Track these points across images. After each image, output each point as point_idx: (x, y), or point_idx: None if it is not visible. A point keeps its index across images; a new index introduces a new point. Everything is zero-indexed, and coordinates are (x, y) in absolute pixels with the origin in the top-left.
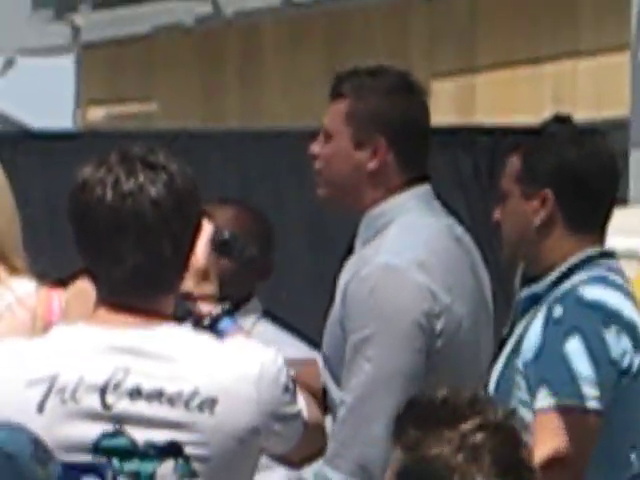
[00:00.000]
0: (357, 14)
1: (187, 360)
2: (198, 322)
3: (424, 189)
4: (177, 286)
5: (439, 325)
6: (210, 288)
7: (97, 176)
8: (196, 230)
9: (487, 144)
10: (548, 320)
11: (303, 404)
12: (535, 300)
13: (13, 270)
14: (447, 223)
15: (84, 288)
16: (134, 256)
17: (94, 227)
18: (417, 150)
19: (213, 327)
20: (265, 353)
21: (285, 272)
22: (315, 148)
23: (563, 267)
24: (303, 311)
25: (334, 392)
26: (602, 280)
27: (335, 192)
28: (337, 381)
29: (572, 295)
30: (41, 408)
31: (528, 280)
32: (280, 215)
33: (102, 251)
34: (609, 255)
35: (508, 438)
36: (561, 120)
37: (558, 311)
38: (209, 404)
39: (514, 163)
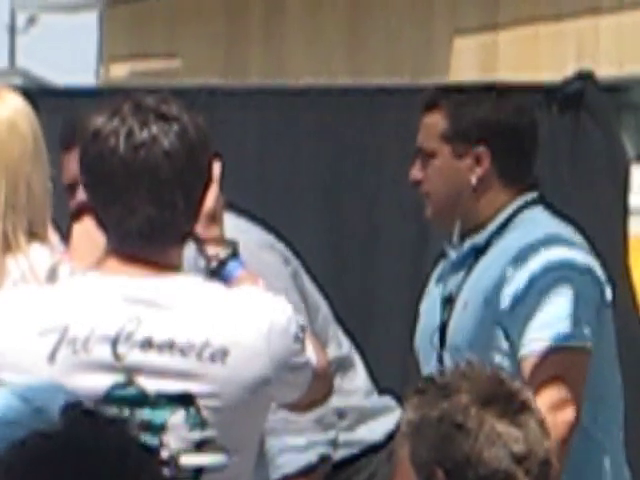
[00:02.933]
0: None
1: (199, 311)
2: (206, 265)
3: None
4: (188, 237)
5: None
6: (217, 231)
7: (110, 126)
8: (207, 180)
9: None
10: (527, 276)
11: (311, 351)
12: (477, 251)
13: (34, 237)
14: None
15: (90, 227)
16: (147, 208)
17: (106, 178)
18: None
19: (221, 269)
20: (275, 303)
21: (297, 235)
22: None
23: (501, 217)
24: (314, 273)
25: None
26: (558, 239)
27: None
28: None
29: (540, 256)
30: (52, 358)
31: (463, 235)
32: (296, 175)
33: (114, 202)
34: (541, 200)
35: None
36: (584, 77)
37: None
38: (221, 355)
39: (437, 122)
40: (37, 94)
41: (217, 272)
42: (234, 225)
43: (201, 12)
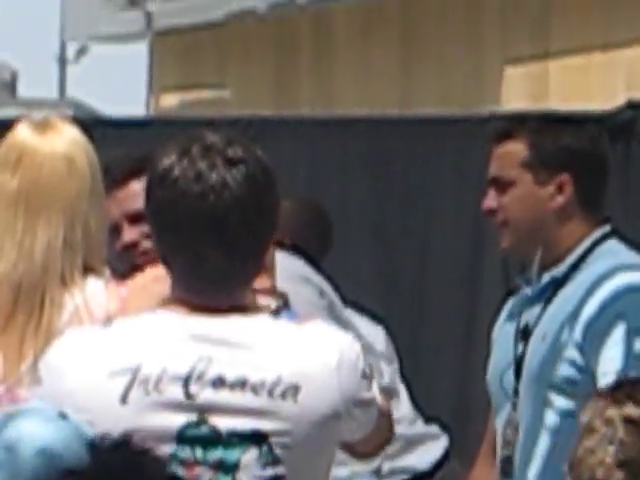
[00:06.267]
0: (431, 0)
1: (269, 348)
2: None
3: None
4: (254, 280)
5: None
6: (269, 282)
7: (179, 168)
8: (275, 224)
9: None
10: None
11: (376, 389)
12: (555, 284)
13: (89, 271)
14: None
15: (144, 284)
16: (216, 256)
17: (174, 222)
18: None
19: None
20: (344, 339)
21: (346, 267)
22: None
23: (580, 250)
24: (363, 302)
25: None
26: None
27: None
28: None
29: (614, 279)
30: (124, 399)
31: (544, 266)
32: (345, 205)
33: (182, 248)
34: (615, 233)
35: None
36: (634, 106)
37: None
38: (292, 392)
39: (517, 150)
40: (88, 124)
41: None
42: None
43: (250, 42)
